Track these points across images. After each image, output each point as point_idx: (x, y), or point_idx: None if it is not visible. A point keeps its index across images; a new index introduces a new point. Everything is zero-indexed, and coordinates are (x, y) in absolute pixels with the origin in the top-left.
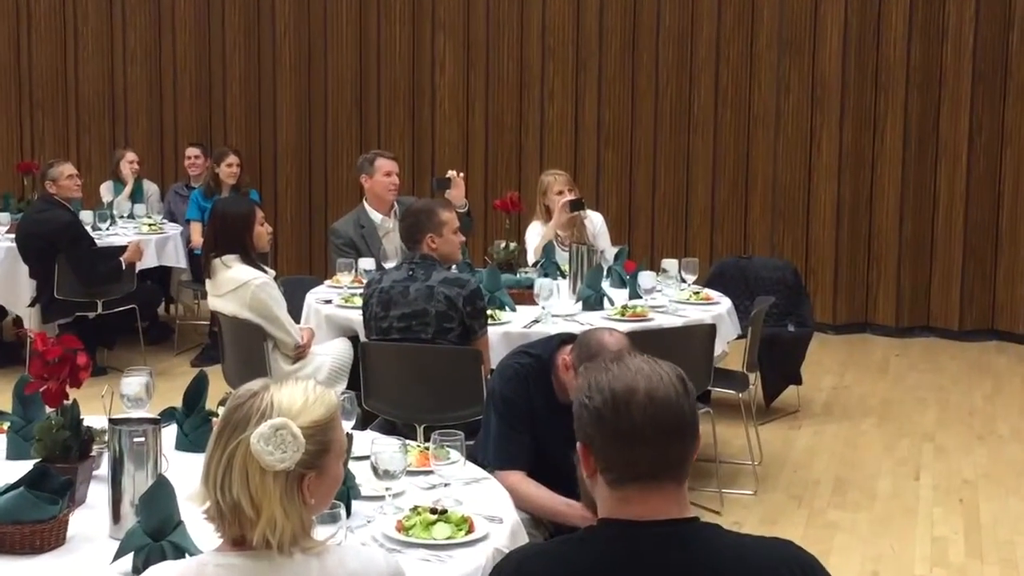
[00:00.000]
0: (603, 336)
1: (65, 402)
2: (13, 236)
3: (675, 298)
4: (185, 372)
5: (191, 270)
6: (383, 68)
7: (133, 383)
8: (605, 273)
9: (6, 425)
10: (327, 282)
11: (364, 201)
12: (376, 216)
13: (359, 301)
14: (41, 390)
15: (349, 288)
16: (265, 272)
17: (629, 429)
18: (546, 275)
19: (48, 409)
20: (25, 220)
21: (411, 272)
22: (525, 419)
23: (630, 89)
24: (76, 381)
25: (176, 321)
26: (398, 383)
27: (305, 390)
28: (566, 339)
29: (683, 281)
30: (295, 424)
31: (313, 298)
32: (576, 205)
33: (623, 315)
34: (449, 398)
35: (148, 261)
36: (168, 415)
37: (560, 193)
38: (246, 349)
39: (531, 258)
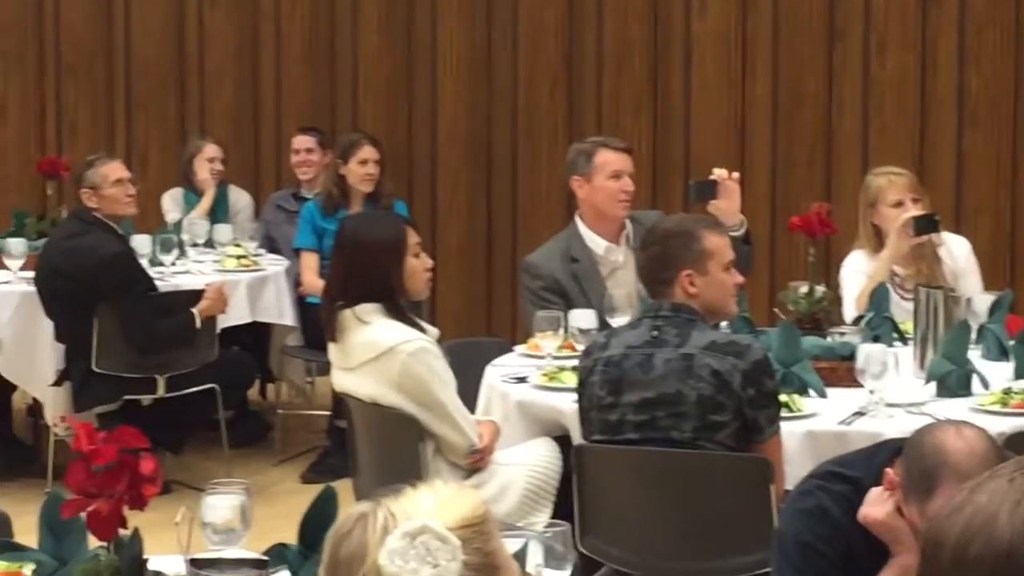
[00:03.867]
0: (946, 438)
1: (121, 532)
2: (31, 276)
3: None
4: (293, 490)
5: (303, 329)
6: (606, 13)
7: (221, 506)
8: (974, 335)
9: (28, 569)
10: (518, 348)
11: (577, 219)
12: (598, 243)
13: (571, 379)
14: (85, 514)
15: (555, 358)
16: (423, 332)
17: None
18: (876, 339)
19: (95, 543)
20: (49, 251)
21: (656, 332)
22: None
23: (1016, 39)
24: (138, 500)
25: (278, 410)
26: (635, 512)
27: (434, 489)
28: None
29: None
30: (438, 523)
31: (497, 374)
32: (926, 224)
33: (1004, 404)
34: (718, 538)
35: (235, 315)
36: (276, 556)
37: (899, 205)
38: (392, 454)
39: (850, 311)
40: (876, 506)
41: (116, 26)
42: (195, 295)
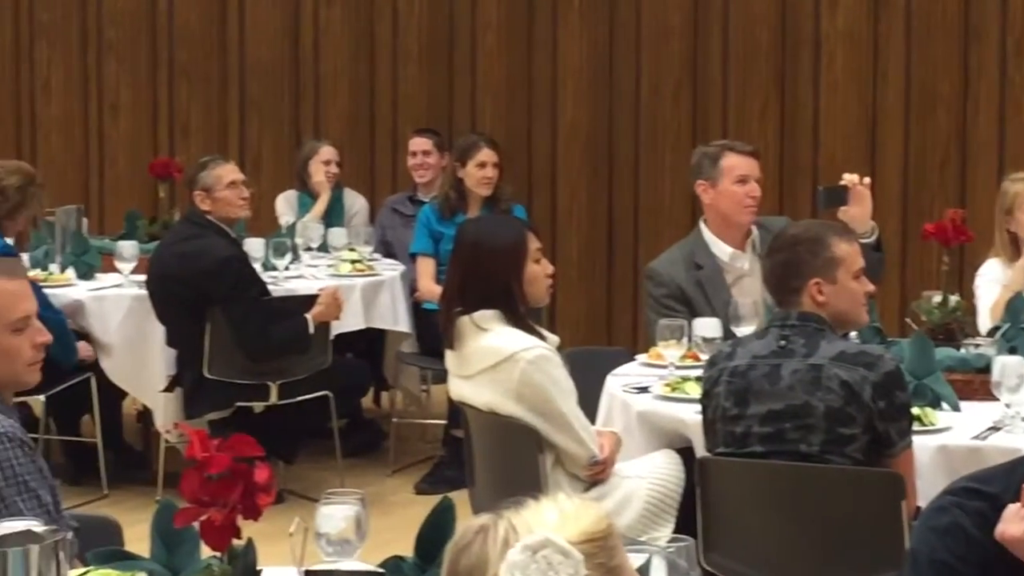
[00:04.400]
0: None
1: (235, 542)
2: (143, 279)
3: None
4: (407, 501)
5: (418, 336)
6: (732, 13)
7: (336, 516)
8: None
9: None
10: (640, 357)
11: (702, 224)
12: (723, 250)
13: (695, 389)
14: (198, 523)
15: (678, 368)
16: (543, 340)
17: None
18: (1012, 350)
19: (208, 553)
20: (161, 254)
21: (783, 342)
22: None
23: None
24: (253, 510)
25: (392, 419)
26: (760, 527)
27: (557, 502)
28: None
29: None
30: (560, 537)
31: (618, 384)
32: None
33: None
34: (847, 555)
35: (349, 321)
36: (392, 568)
37: None
38: (510, 465)
39: (985, 322)
40: (1014, 523)
41: (230, 26)
42: (309, 300)
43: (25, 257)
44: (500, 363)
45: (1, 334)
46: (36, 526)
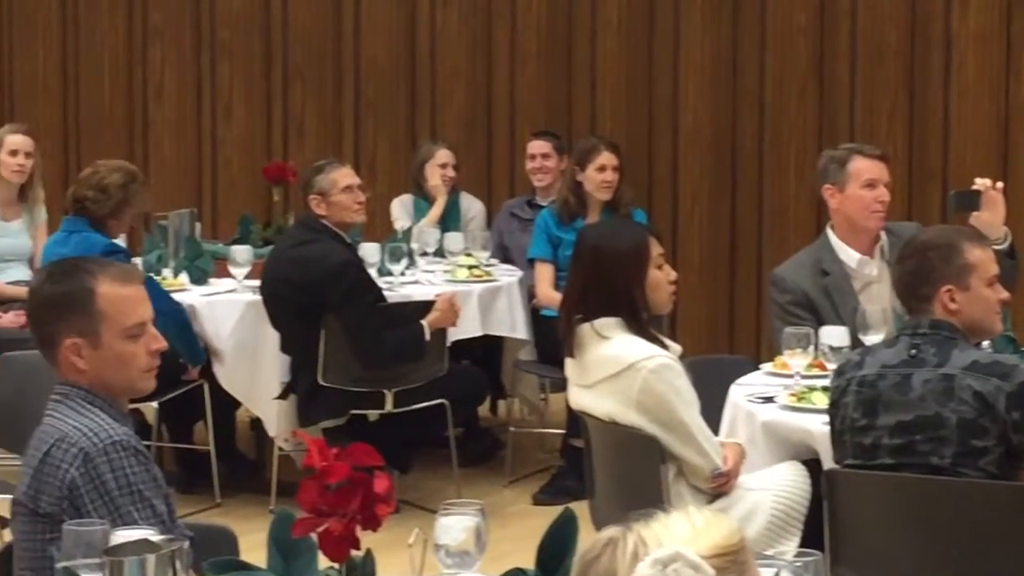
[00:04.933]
0: None
1: (354, 553)
2: (257, 284)
3: None
4: (525, 512)
5: (536, 343)
6: (860, 12)
7: (456, 527)
8: None
9: None
10: (765, 367)
11: (829, 230)
12: (851, 256)
13: (821, 399)
14: (317, 533)
15: (804, 377)
16: (665, 348)
17: None
18: None
19: (327, 564)
20: (275, 260)
21: (914, 351)
22: None
23: None
24: (372, 520)
25: (510, 428)
26: (890, 542)
27: (688, 515)
28: None
29: None
30: (691, 551)
31: (742, 393)
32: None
33: None
34: (980, 571)
35: (466, 327)
36: None
37: None
38: (631, 476)
39: None
40: None
41: (346, 26)
42: (425, 306)
43: (137, 261)
44: (621, 372)
45: (116, 340)
46: (152, 535)
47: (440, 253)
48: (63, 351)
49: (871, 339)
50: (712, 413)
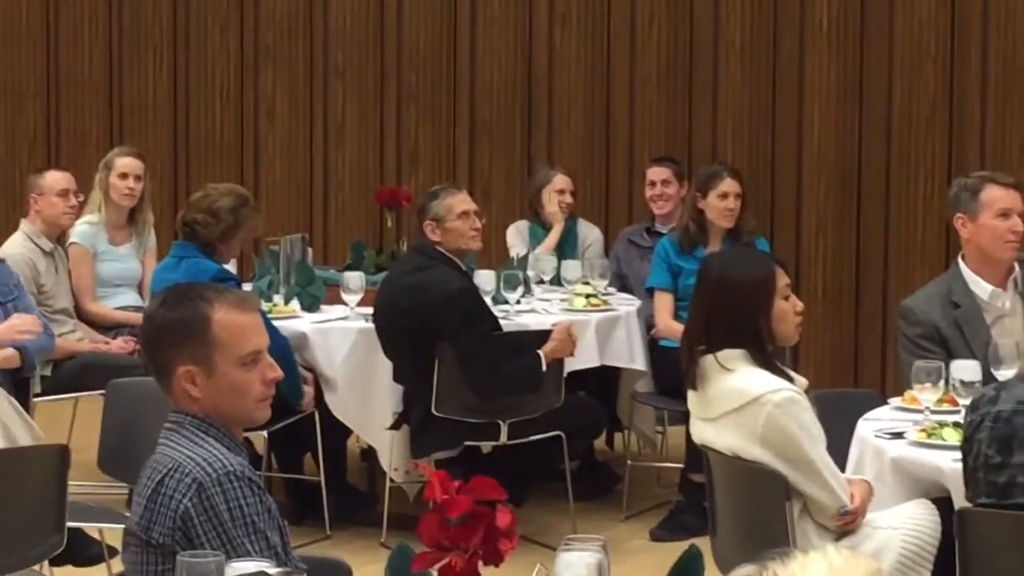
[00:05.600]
0: None
1: None
2: (370, 312)
3: None
4: (642, 548)
5: (655, 375)
6: (992, 35)
7: (577, 563)
8: None
9: None
10: (893, 401)
11: (960, 261)
12: (983, 288)
13: (953, 435)
14: (436, 569)
15: (934, 412)
16: (791, 381)
17: None
18: None
19: None
20: (389, 287)
21: None
22: None
23: None
24: (494, 555)
25: (627, 461)
26: None
27: (825, 554)
28: None
29: None
30: None
31: (870, 429)
32: None
33: None
34: None
35: (583, 358)
36: None
37: None
38: (754, 513)
39: None
40: None
41: (461, 48)
42: (541, 336)
43: (248, 287)
44: (745, 405)
45: (231, 368)
46: (267, 568)
47: (557, 281)
48: (177, 379)
49: (1003, 374)
50: (838, 449)
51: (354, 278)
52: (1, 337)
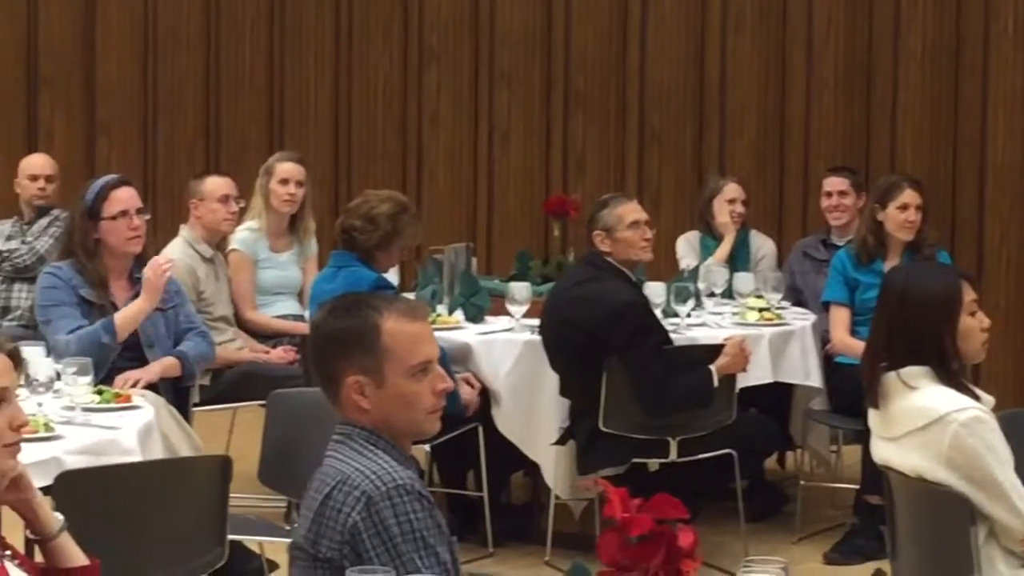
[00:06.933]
0: None
1: None
2: (536, 323)
3: None
4: (815, 571)
5: (830, 392)
6: None
7: None
8: None
9: None
10: None
11: None
12: None
13: None
14: None
15: None
16: (978, 400)
17: None
18: None
19: None
20: (557, 298)
21: None
22: None
23: None
24: None
25: (800, 481)
26: None
27: None
28: None
29: None
30: None
31: None
32: None
33: None
34: None
35: (756, 374)
36: None
37: None
38: (937, 537)
39: None
40: None
41: (631, 51)
42: (713, 350)
43: (409, 297)
44: (929, 425)
45: (400, 379)
46: None
47: (728, 294)
48: (346, 389)
49: None
50: None
51: (520, 289)
52: (150, 280)
